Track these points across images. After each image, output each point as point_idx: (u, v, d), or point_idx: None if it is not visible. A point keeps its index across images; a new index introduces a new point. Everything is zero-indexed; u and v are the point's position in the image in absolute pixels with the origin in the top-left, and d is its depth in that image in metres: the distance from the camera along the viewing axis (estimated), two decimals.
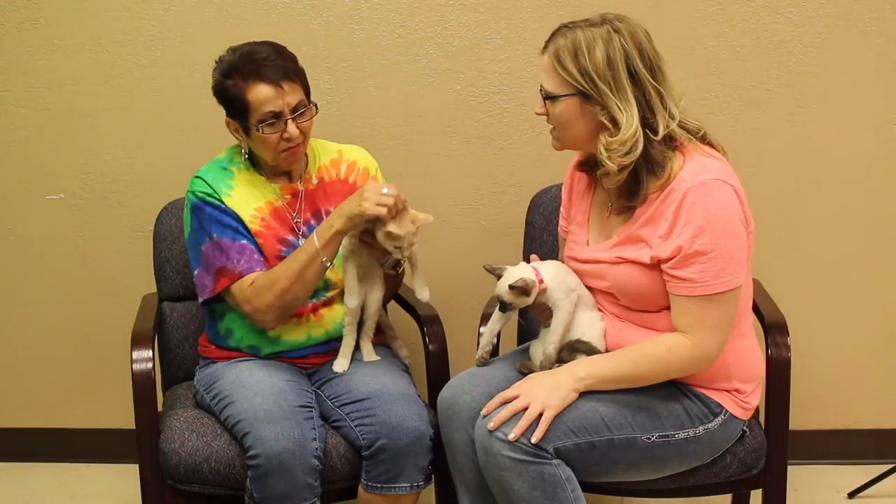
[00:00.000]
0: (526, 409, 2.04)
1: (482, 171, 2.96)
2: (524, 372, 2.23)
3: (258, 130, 2.29)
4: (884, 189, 2.92)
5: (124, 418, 2.47)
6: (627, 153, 2.02)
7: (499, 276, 2.18)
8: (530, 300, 2.17)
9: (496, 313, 2.27)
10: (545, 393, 2.05)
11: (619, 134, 2.01)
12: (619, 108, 2.01)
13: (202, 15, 2.89)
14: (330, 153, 2.50)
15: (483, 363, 2.28)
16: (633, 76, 2.02)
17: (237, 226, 2.33)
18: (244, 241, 2.33)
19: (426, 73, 2.91)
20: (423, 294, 2.33)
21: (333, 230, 2.25)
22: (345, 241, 2.30)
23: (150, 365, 2.31)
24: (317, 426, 2.23)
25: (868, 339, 3.01)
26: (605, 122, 2.03)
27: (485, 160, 2.95)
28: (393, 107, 2.93)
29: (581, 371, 2.08)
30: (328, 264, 2.28)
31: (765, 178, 2.09)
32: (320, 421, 2.27)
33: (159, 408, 2.50)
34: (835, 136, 2.89)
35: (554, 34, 2.07)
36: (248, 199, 2.37)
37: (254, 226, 2.35)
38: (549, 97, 2.08)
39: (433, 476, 2.30)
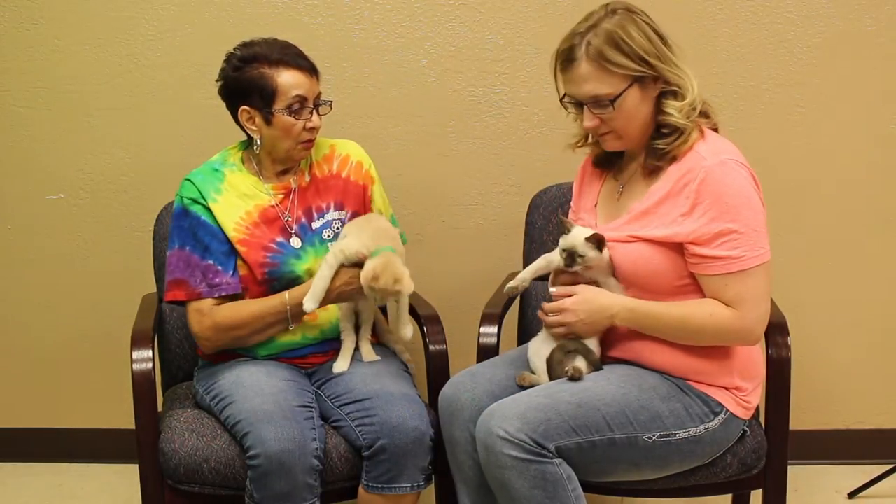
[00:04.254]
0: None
1: (482, 171, 2.96)
2: (524, 385, 2.21)
3: (289, 114, 2.30)
4: (883, 189, 2.93)
5: (124, 418, 2.47)
6: (695, 109, 2.06)
7: (568, 231, 2.15)
8: (604, 257, 2.13)
9: (547, 260, 2.22)
10: (585, 318, 2.12)
11: (688, 95, 2.05)
12: (675, 74, 2.06)
13: (202, 15, 2.89)
14: (322, 149, 2.49)
15: (512, 294, 2.25)
16: (666, 42, 2.07)
17: (210, 242, 2.34)
18: (210, 262, 2.34)
19: (426, 73, 2.91)
20: (404, 332, 2.36)
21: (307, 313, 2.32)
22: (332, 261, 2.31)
23: (150, 365, 2.31)
24: (317, 426, 2.22)
25: (868, 339, 3.01)
26: (668, 90, 2.06)
27: (485, 160, 2.95)
28: (393, 107, 2.93)
29: (625, 311, 2.10)
30: (292, 328, 2.35)
31: (764, 177, 2.09)
32: (320, 421, 2.27)
33: (159, 408, 2.50)
34: (835, 136, 2.90)
35: (573, 45, 2.04)
36: (237, 203, 2.37)
37: (238, 234, 2.35)
38: (611, 101, 2.04)
39: (433, 476, 2.30)
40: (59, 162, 3.00)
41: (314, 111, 2.33)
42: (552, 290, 2.18)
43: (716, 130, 2.15)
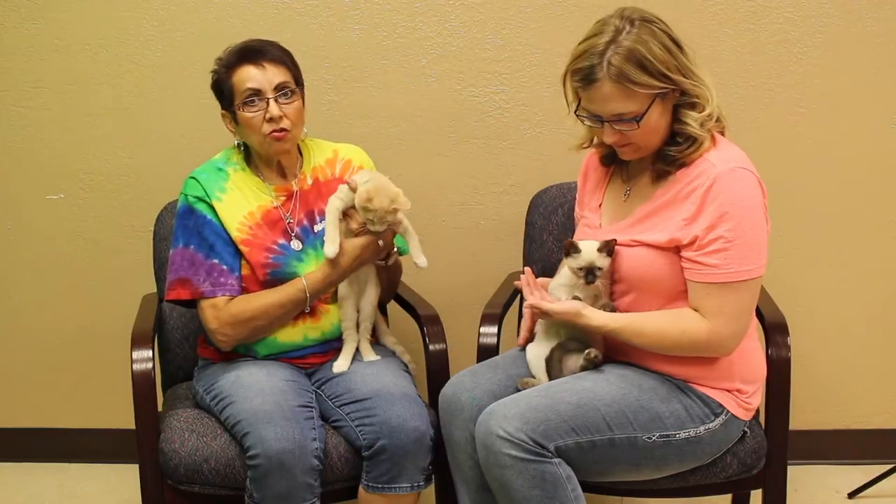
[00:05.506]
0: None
1: (482, 171, 2.96)
2: (523, 389, 2.21)
3: (241, 111, 2.31)
4: (884, 189, 2.93)
5: (124, 418, 2.47)
6: (712, 118, 2.05)
7: (577, 250, 2.12)
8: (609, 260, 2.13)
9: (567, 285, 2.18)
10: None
11: (707, 106, 2.03)
12: (694, 85, 2.03)
13: (202, 15, 2.89)
14: (325, 153, 2.50)
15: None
16: (683, 50, 2.03)
17: (215, 241, 2.34)
18: (215, 261, 2.34)
19: (426, 73, 2.91)
20: (420, 260, 2.35)
21: (327, 285, 2.34)
22: (336, 202, 2.33)
23: (150, 365, 2.31)
24: (317, 426, 2.23)
25: (868, 339, 3.01)
26: (687, 101, 2.04)
27: (485, 160, 2.95)
28: (393, 107, 2.93)
29: (600, 323, 2.09)
30: (308, 309, 2.35)
31: (765, 178, 2.09)
32: (320, 421, 2.27)
33: (159, 408, 2.50)
34: (835, 136, 2.90)
35: (593, 65, 1.99)
36: (241, 202, 2.37)
37: (241, 234, 2.35)
38: (636, 119, 2.01)
39: (433, 476, 2.30)
40: (59, 162, 3.00)
41: (272, 101, 2.32)
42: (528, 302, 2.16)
43: (722, 133, 2.14)
